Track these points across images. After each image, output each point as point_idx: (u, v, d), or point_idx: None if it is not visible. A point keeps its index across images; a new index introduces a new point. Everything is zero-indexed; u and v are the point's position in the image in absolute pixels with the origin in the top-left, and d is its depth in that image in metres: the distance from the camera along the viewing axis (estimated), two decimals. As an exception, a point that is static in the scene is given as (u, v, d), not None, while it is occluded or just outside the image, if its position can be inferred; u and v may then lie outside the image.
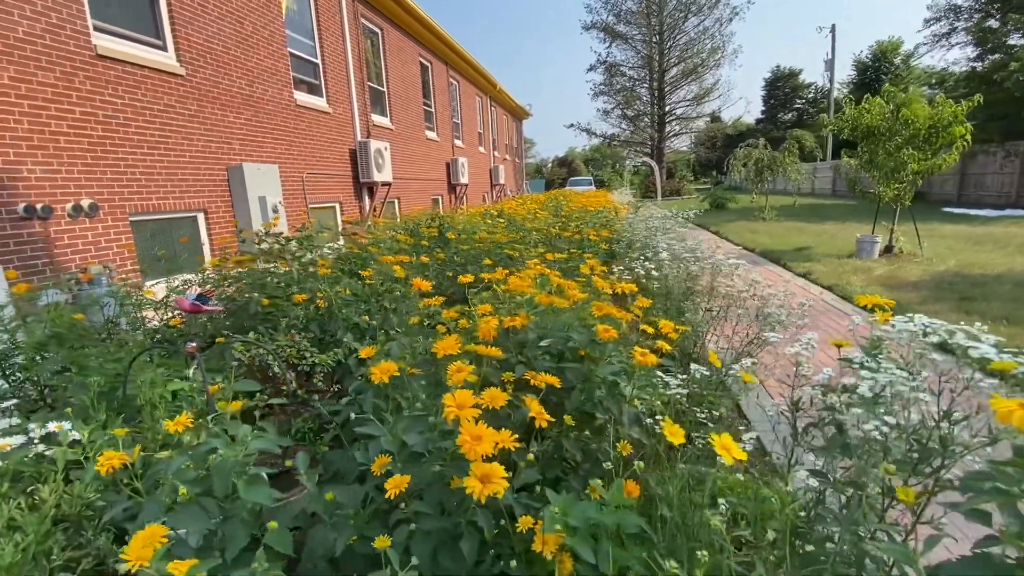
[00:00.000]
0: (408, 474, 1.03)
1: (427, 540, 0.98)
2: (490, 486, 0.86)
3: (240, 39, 6.79)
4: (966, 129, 6.51)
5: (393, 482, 0.98)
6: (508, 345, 1.48)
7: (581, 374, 1.40)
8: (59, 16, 4.53)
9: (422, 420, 1.19)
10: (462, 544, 0.93)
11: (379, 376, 1.23)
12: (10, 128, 4.16)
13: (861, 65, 30.28)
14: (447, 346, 1.27)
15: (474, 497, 0.86)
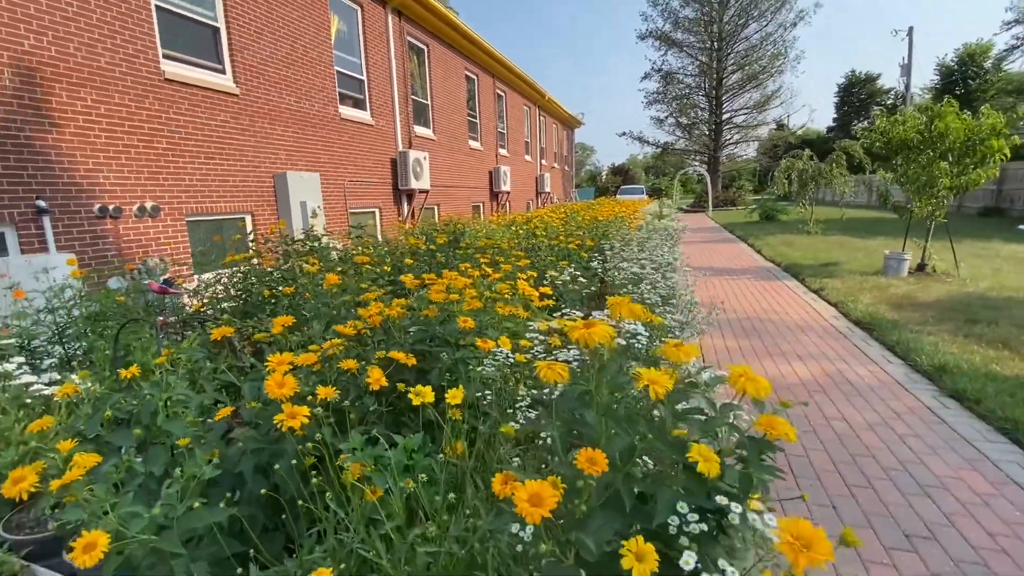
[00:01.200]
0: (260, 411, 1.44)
1: (251, 458, 1.35)
2: (293, 421, 1.23)
3: (291, 60, 7.59)
4: (1003, 144, 6.15)
5: (223, 412, 1.40)
6: (392, 330, 1.85)
7: (435, 356, 1.74)
8: (135, 48, 5.38)
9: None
10: (281, 463, 1.30)
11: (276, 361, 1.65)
12: (90, 142, 5.01)
13: (946, 70, 28.10)
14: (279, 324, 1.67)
15: (284, 427, 1.23)
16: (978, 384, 3.21)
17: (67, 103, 4.83)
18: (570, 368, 1.04)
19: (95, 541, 0.94)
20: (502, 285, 2.27)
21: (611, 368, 0.98)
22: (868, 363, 3.87)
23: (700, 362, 2.16)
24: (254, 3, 6.88)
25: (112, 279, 4.49)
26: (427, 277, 2.57)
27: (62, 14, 4.75)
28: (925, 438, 2.72)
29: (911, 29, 22.53)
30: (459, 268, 2.30)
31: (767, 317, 5.31)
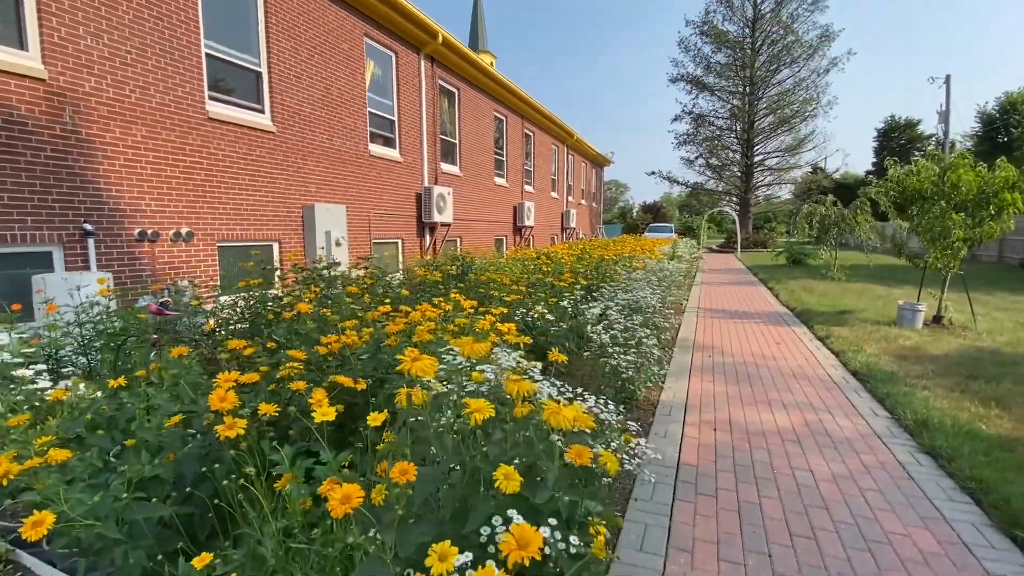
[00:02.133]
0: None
1: (194, 463, 1.56)
2: (230, 431, 1.44)
3: (326, 102, 8.20)
4: (1017, 197, 6.04)
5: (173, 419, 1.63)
6: (348, 357, 2.06)
7: (386, 381, 1.94)
8: (183, 90, 5.98)
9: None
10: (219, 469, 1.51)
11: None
12: (137, 172, 5.55)
13: (987, 117, 27.41)
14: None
15: (221, 437, 1.44)
16: (955, 442, 3.16)
17: (119, 138, 5.40)
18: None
19: (42, 519, 1.16)
20: (460, 319, 2.46)
21: (442, 400, 1.16)
22: (853, 415, 3.84)
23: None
24: (295, 51, 7.53)
25: (143, 297, 4.92)
26: (405, 309, 2.79)
27: (121, 60, 5.38)
28: (887, 494, 2.71)
29: (948, 77, 22.23)
30: (419, 307, 2.50)
31: (764, 363, 5.29)
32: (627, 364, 2.67)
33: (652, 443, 3.25)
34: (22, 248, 4.79)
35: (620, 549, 2.20)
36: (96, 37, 5.18)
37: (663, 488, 2.71)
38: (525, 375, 1.97)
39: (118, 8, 5.35)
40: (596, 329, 3.05)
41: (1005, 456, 3.02)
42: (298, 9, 7.58)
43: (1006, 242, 18.44)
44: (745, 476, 2.87)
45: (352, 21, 8.71)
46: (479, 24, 28.16)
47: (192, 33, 6.06)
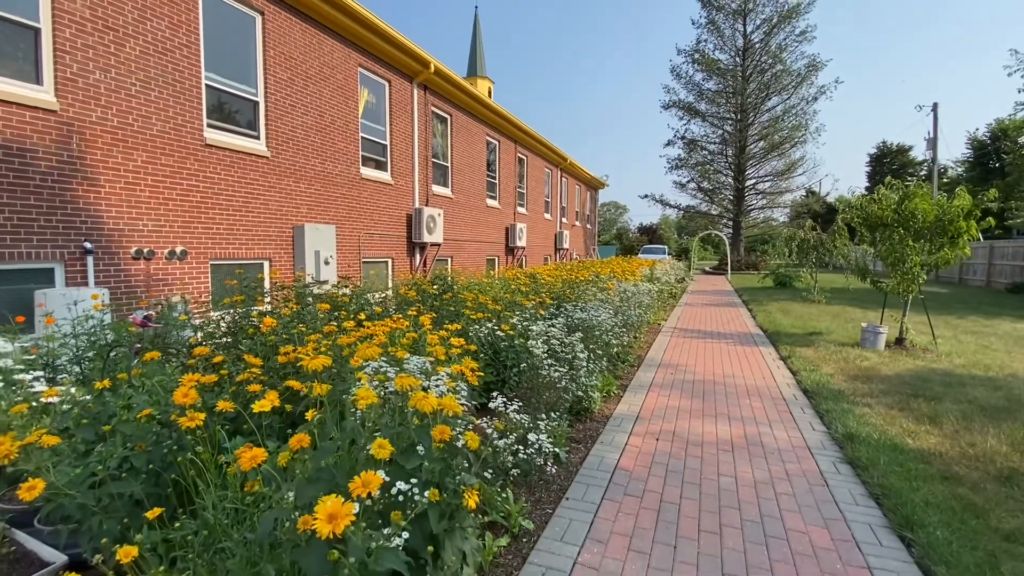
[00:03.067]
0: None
1: (158, 449, 1.87)
2: (191, 422, 1.74)
3: (319, 128, 8.64)
4: (972, 224, 6.39)
5: (144, 412, 1.94)
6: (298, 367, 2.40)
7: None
8: (183, 119, 6.40)
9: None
10: (180, 455, 1.81)
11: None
12: (136, 195, 5.93)
13: (977, 144, 28.05)
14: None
15: (183, 426, 1.75)
16: (876, 454, 3.43)
17: (121, 163, 5.79)
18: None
19: (35, 485, 1.46)
20: (410, 334, 2.77)
21: (338, 389, 1.47)
22: (792, 428, 4.11)
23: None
24: (291, 81, 7.99)
25: (136, 312, 5.24)
26: (367, 324, 3.10)
27: (126, 92, 5.80)
28: (799, 497, 2.98)
29: (935, 105, 22.87)
30: (376, 323, 2.82)
31: (723, 381, 5.56)
32: (559, 375, 2.96)
33: (596, 450, 3.53)
34: (27, 265, 5.13)
35: (543, 540, 2.47)
36: (104, 72, 5.61)
37: (595, 489, 2.98)
38: (457, 382, 2.28)
39: (126, 45, 5.79)
40: (534, 343, 3.35)
41: (919, 467, 3.28)
42: (295, 42, 8.07)
43: (994, 267, 18.79)
44: (673, 480, 3.14)
45: (347, 52, 9.21)
46: (478, 50, 29.04)
47: (194, 66, 6.51)
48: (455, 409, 1.43)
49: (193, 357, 2.28)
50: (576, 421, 4.13)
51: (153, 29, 6.06)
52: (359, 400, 1.36)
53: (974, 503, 2.83)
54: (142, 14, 5.95)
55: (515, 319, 3.94)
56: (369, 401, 1.36)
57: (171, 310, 5.20)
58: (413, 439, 1.39)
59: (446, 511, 1.39)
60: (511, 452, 2.11)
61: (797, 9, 29.59)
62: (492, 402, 2.48)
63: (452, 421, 1.49)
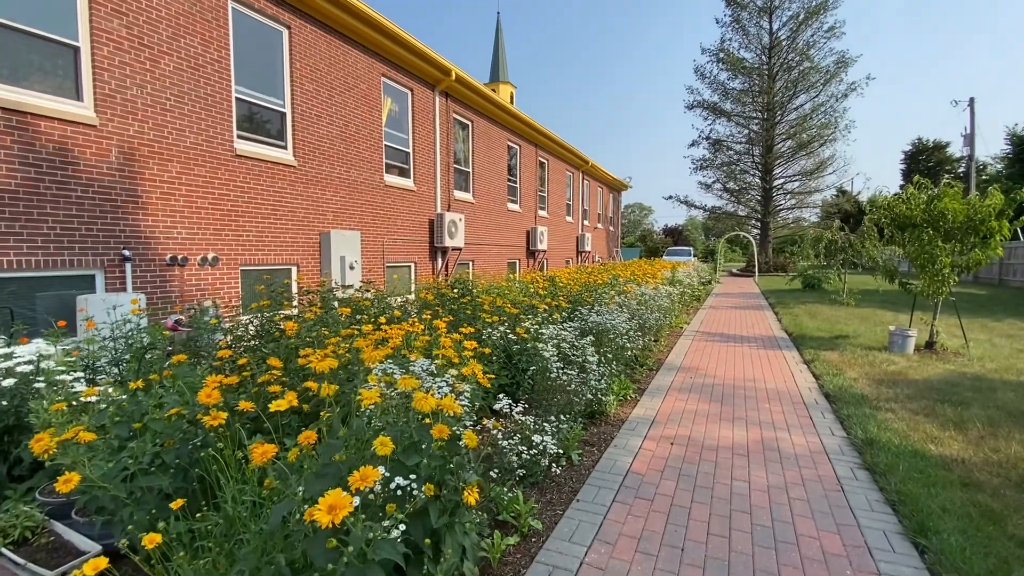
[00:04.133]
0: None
1: (184, 445, 2.00)
2: (214, 421, 1.87)
3: (344, 138, 8.89)
4: (1004, 224, 6.17)
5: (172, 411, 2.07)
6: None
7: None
8: (215, 131, 6.69)
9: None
10: (204, 452, 1.94)
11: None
12: (171, 204, 6.22)
13: (1017, 139, 26.82)
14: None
15: (207, 425, 1.87)
16: (895, 460, 3.37)
17: (156, 174, 6.09)
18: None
19: (71, 478, 1.59)
20: (423, 337, 2.86)
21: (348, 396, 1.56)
22: (811, 434, 4.05)
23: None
24: (317, 93, 8.25)
25: (170, 316, 5.50)
26: (385, 328, 3.21)
27: (161, 107, 6.10)
28: (813, 503, 2.95)
29: (972, 100, 22.02)
30: (392, 327, 2.92)
31: (745, 385, 5.50)
32: (568, 378, 3.00)
33: (609, 453, 3.56)
34: (70, 272, 5.45)
35: (552, 540, 2.52)
36: (141, 88, 5.92)
37: (606, 492, 3.02)
38: (466, 384, 2.36)
39: (160, 62, 6.09)
40: (544, 346, 3.40)
41: (939, 474, 3.21)
42: (321, 54, 8.33)
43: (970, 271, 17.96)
44: (685, 484, 3.15)
45: (370, 63, 9.45)
46: (500, 55, 29.27)
47: (224, 80, 6.79)
48: (454, 409, 1.51)
49: (219, 359, 2.42)
50: (590, 424, 4.16)
51: (186, 46, 6.35)
52: (363, 400, 1.45)
53: (992, 509, 2.76)
54: (176, 32, 6.25)
55: (527, 323, 4.00)
56: (372, 401, 1.45)
57: (202, 314, 5.45)
58: (414, 437, 1.47)
59: (447, 506, 1.46)
60: (515, 453, 2.16)
61: (825, 5, 28.92)
62: (497, 403, 2.55)
63: (452, 420, 1.57)
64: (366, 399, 1.46)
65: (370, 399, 1.46)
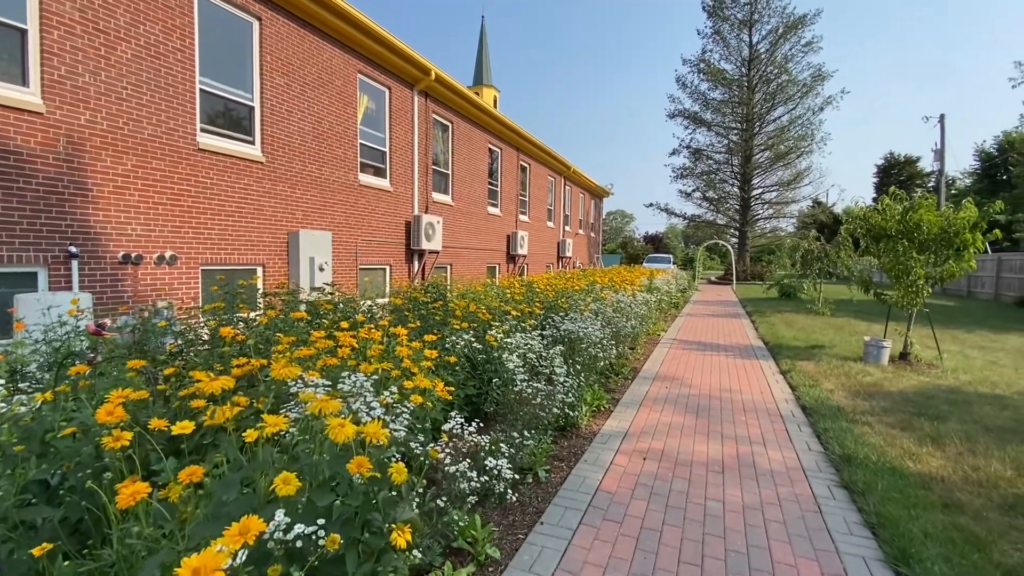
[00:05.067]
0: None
1: (78, 470, 1.75)
2: (115, 443, 1.62)
3: (316, 134, 8.59)
4: (976, 237, 6.20)
5: (67, 431, 1.81)
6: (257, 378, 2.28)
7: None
8: (176, 123, 6.35)
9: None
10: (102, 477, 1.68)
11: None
12: (125, 199, 5.86)
13: (985, 155, 27.74)
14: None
15: (107, 448, 1.62)
16: (873, 478, 3.25)
17: (110, 167, 5.73)
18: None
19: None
20: (376, 347, 2.64)
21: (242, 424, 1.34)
22: (787, 448, 3.92)
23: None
24: (288, 87, 7.95)
25: (121, 317, 5.15)
26: (341, 336, 2.97)
27: (117, 95, 5.75)
28: (790, 525, 2.80)
29: (942, 116, 22.63)
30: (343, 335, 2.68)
31: (721, 395, 5.38)
32: (533, 391, 2.81)
33: (578, 470, 3.37)
34: (9, 269, 5.06)
35: (510, 570, 2.31)
36: (94, 75, 5.57)
37: (572, 513, 2.82)
38: (421, 395, 2.14)
39: (117, 48, 5.75)
40: (509, 356, 3.20)
41: (919, 493, 3.10)
42: (293, 48, 8.04)
43: (1003, 279, 18.43)
44: (657, 504, 2.98)
45: (346, 59, 9.17)
46: (484, 59, 29.14)
47: (188, 71, 6.46)
48: (378, 437, 1.29)
49: (133, 370, 2.16)
50: (561, 437, 3.97)
51: (146, 33, 6.02)
52: (266, 427, 1.22)
53: (976, 534, 2.64)
54: (135, 18, 5.92)
55: (495, 330, 3.80)
56: (276, 428, 1.22)
57: (153, 316, 5.10)
58: (325, 473, 1.25)
59: (374, 550, 1.25)
60: (466, 480, 1.96)
61: (803, 20, 29.54)
62: (447, 423, 2.33)
63: (376, 451, 1.35)
64: (270, 425, 1.23)
65: (274, 425, 1.23)
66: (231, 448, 1.31)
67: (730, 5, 31.11)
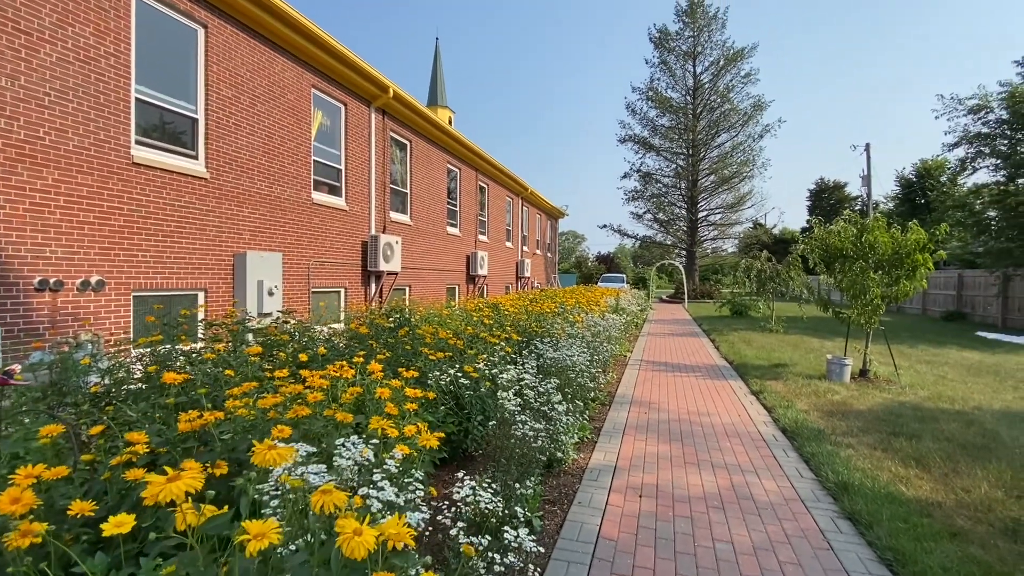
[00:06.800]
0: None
1: None
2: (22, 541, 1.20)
3: (266, 150, 8.05)
4: (927, 258, 6.50)
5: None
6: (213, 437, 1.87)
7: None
8: (106, 134, 5.72)
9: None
10: None
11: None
12: (43, 218, 5.17)
13: (905, 181, 30.18)
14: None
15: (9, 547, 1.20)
16: (875, 506, 3.15)
17: (26, 181, 5.05)
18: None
19: None
20: (353, 389, 2.29)
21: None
22: (780, 477, 3.80)
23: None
24: (236, 100, 7.43)
25: (35, 353, 4.44)
26: (304, 373, 2.58)
27: (37, 102, 5.11)
28: (806, 567, 2.62)
29: (868, 145, 24.47)
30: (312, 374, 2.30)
31: (699, 420, 5.26)
32: (534, 433, 2.53)
33: (574, 514, 3.08)
34: None
35: (520, 648, 1.99)
36: (12, 79, 4.93)
37: (577, 568, 2.52)
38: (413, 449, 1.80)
39: (40, 51, 5.13)
40: (506, 395, 2.91)
41: (923, 522, 3.01)
42: (242, 59, 7.55)
43: (928, 296, 19.85)
44: (665, 551, 2.73)
45: (299, 72, 8.74)
46: (439, 80, 29.12)
47: (122, 77, 5.87)
48: (401, 538, 0.97)
49: (45, 436, 1.70)
50: (548, 475, 3.67)
51: (75, 35, 5.43)
52: (249, 543, 0.87)
53: (990, 566, 2.55)
54: (62, 19, 5.32)
55: (481, 364, 3.48)
56: (264, 544, 0.88)
57: (75, 350, 4.45)
58: None
59: None
60: (485, 560, 1.63)
61: (741, 53, 31.43)
62: (457, 490, 1.97)
63: (401, 559, 1.02)
64: (254, 537, 0.88)
65: (264, 535, 0.88)
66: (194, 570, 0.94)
67: (675, 37, 32.74)
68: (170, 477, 0.99)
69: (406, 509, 1.39)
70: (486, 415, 3.24)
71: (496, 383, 3.30)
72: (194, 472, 0.99)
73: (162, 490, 0.95)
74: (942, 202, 28.32)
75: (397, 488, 1.43)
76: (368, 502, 1.23)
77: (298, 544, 1.03)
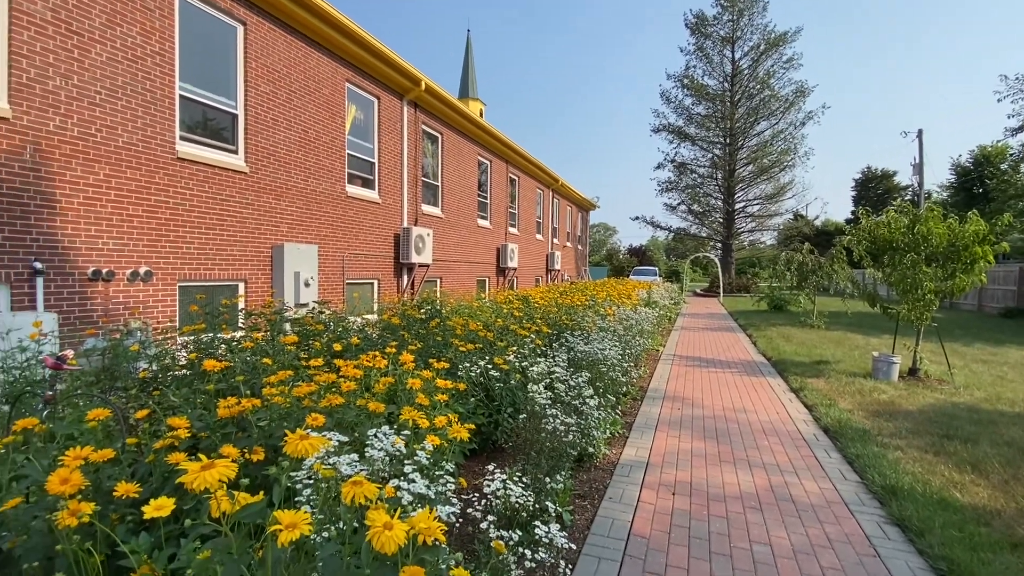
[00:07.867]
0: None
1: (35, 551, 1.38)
2: (71, 519, 1.26)
3: (302, 144, 8.22)
4: (988, 250, 6.09)
5: (10, 503, 1.43)
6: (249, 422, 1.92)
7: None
8: (153, 130, 5.94)
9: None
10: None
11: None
12: (96, 211, 5.43)
13: (961, 169, 28.46)
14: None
15: (60, 525, 1.25)
16: (926, 513, 2.99)
17: (80, 176, 5.30)
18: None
19: None
20: (385, 379, 2.30)
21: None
22: (821, 478, 3.65)
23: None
24: (273, 95, 7.60)
25: (89, 339, 4.68)
26: (339, 363, 2.61)
27: (89, 100, 5.34)
28: (850, 574, 2.51)
29: (920, 131, 23.15)
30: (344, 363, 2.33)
31: (735, 417, 5.11)
32: (564, 427, 2.50)
33: (604, 509, 3.04)
34: (-38, 287, 4.59)
35: (550, 643, 1.97)
36: (65, 78, 5.16)
37: (608, 564, 2.49)
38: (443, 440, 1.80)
39: (91, 51, 5.36)
40: (536, 388, 2.88)
41: (980, 531, 2.84)
42: (279, 55, 7.70)
43: (985, 291, 18.70)
44: (699, 551, 2.66)
45: (334, 67, 8.86)
46: (470, 72, 29.12)
47: (167, 76, 6.08)
48: (432, 533, 0.95)
49: (92, 419, 1.77)
50: (578, 469, 3.64)
51: (123, 35, 5.64)
52: (281, 533, 0.88)
53: (1057, 581, 2.38)
54: (111, 19, 5.54)
55: (511, 356, 3.47)
56: (295, 535, 0.88)
57: (125, 337, 4.65)
58: None
59: None
60: (517, 555, 1.62)
61: (784, 37, 30.18)
62: (488, 482, 1.96)
63: (433, 554, 1.02)
64: (286, 527, 0.88)
65: (294, 525, 0.89)
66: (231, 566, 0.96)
67: (712, 22, 31.70)
68: (204, 465, 1.00)
69: (436, 502, 1.38)
70: (516, 407, 3.23)
71: (526, 375, 3.27)
72: (227, 461, 1.00)
73: (196, 478, 0.97)
74: (1003, 191, 26.65)
75: (428, 480, 1.43)
76: (399, 494, 1.23)
77: (330, 533, 1.03)
